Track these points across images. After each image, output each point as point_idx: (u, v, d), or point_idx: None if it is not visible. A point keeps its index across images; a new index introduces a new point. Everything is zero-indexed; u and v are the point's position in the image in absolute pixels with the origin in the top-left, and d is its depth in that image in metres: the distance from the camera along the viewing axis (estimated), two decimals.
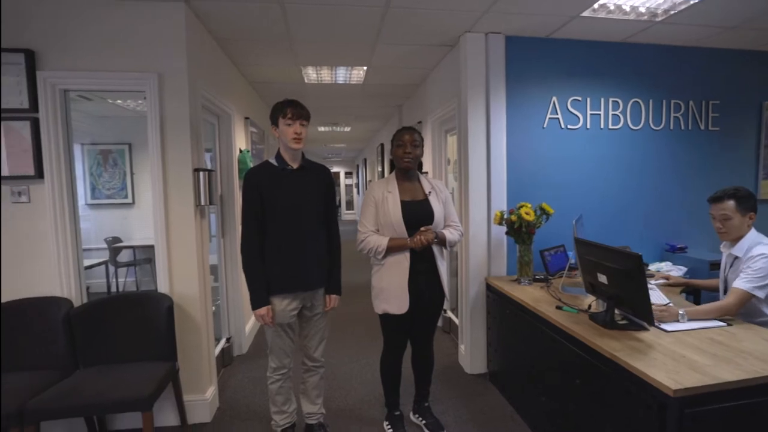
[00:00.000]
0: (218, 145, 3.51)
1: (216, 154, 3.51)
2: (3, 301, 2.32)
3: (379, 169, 8.10)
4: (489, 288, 2.91)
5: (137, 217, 5.93)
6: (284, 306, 2.07)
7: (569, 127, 3.00)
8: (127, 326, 2.34)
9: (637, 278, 1.70)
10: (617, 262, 1.80)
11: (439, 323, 4.14)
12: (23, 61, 2.29)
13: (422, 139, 2.20)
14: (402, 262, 2.09)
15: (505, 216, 2.68)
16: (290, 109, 2.00)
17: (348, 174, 18.56)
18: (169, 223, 2.48)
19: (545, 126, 2.97)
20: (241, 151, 3.82)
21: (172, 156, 2.46)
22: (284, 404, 2.22)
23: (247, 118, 4.17)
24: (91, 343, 2.30)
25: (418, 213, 2.13)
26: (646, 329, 1.82)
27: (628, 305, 1.84)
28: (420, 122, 4.39)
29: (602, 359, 1.69)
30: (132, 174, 5.96)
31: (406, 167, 2.19)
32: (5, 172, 2.34)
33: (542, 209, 2.64)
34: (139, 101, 4.72)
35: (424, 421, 2.41)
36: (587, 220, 2.89)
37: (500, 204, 2.92)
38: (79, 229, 2.52)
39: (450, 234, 2.18)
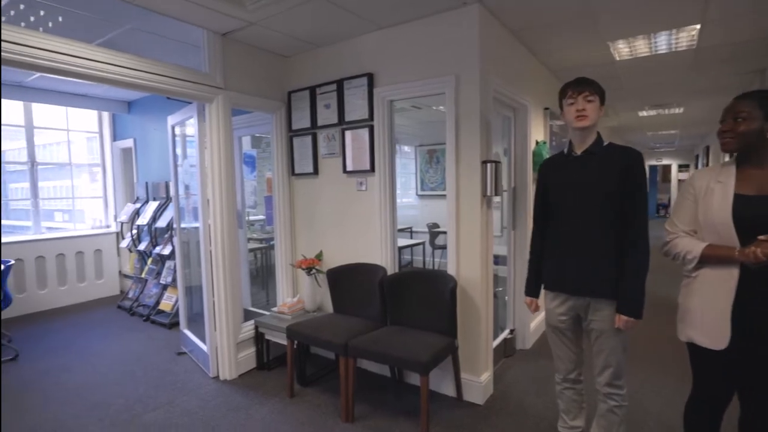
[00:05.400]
0: (513, 138, 3.55)
1: (510, 147, 3.57)
2: (349, 262, 3.16)
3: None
4: None
5: None
6: (553, 306, 1.93)
7: None
8: (421, 297, 2.73)
9: None
10: None
11: None
12: (366, 83, 3.02)
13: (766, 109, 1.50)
14: (726, 280, 1.51)
15: None
16: (570, 86, 1.82)
17: (683, 167, 15.07)
18: (460, 211, 2.72)
19: None
20: (537, 143, 3.73)
21: (464, 149, 2.67)
22: (565, 413, 2.07)
23: (546, 108, 4.02)
24: (395, 305, 2.82)
25: (760, 214, 1.48)
26: None
27: None
28: None
29: None
30: None
31: (723, 150, 1.61)
32: (354, 168, 3.16)
33: None
34: None
35: None
36: None
37: None
38: (396, 213, 3.10)
39: None
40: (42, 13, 2.65)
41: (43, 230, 5.19)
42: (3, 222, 7.47)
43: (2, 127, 5.52)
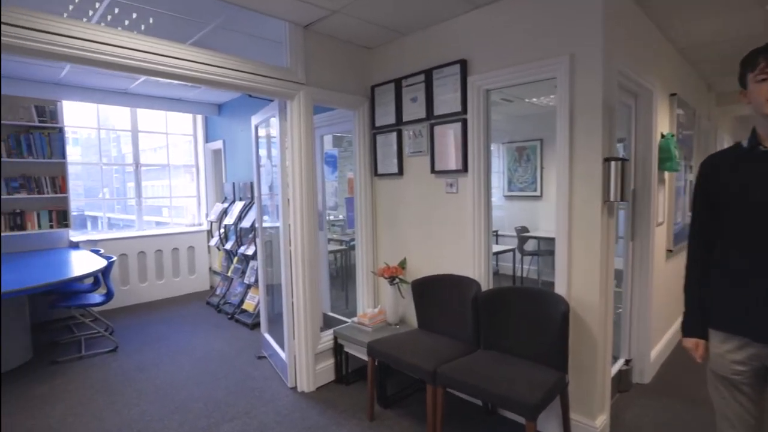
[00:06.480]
0: (634, 131, 2.96)
1: (631, 142, 2.98)
2: (436, 273, 2.84)
3: None
4: None
5: (543, 209, 6.23)
6: (722, 349, 1.44)
7: None
8: (522, 320, 2.32)
9: None
10: None
11: None
12: (458, 71, 2.66)
13: None
14: None
15: None
16: (762, 54, 1.30)
17: None
18: (572, 218, 2.26)
19: None
20: (663, 136, 3.10)
21: (579, 144, 2.21)
22: None
23: (673, 94, 3.35)
24: (491, 327, 2.43)
25: None
26: None
27: None
28: None
29: None
30: (542, 168, 6.26)
31: None
32: (443, 167, 2.82)
33: None
34: (551, 96, 4.78)
35: None
36: None
37: None
38: (491, 218, 2.71)
39: None
40: (134, 15, 2.68)
41: (152, 224, 5.56)
42: (120, 216, 8.26)
43: (118, 132, 6.02)
